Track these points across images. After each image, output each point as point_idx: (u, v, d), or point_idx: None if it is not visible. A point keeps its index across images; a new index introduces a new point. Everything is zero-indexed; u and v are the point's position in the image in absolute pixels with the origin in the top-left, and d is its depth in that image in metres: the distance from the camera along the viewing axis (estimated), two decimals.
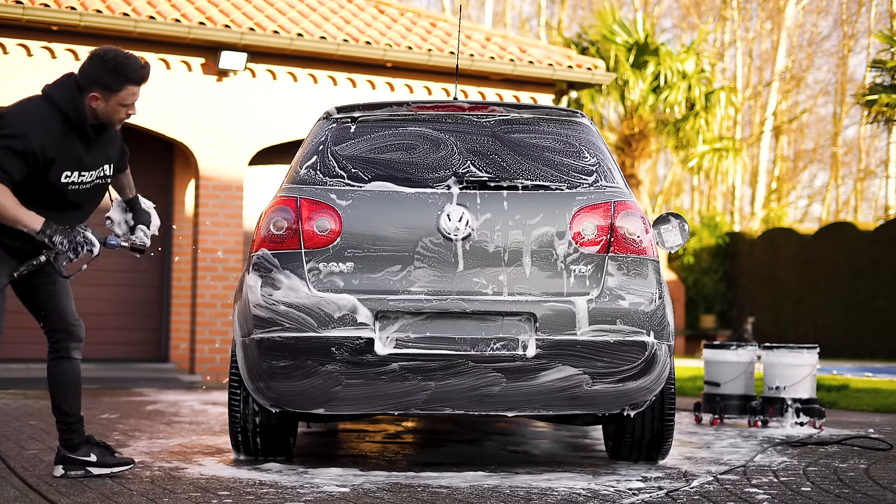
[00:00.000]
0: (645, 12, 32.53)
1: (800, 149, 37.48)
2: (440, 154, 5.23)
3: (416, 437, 7.01)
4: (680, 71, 20.23)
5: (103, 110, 4.54)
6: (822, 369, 11.10)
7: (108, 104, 4.53)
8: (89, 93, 4.50)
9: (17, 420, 7.34)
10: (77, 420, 4.72)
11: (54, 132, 4.45)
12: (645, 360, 4.95)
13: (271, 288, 4.96)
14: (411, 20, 14.20)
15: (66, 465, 4.71)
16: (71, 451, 4.71)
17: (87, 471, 4.70)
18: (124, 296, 12.88)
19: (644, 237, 5.13)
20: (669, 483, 4.82)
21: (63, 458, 4.72)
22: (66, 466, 4.71)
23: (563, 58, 14.36)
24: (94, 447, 4.75)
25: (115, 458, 4.79)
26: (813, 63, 36.25)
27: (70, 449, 4.72)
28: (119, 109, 4.56)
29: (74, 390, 4.71)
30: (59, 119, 4.48)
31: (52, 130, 4.44)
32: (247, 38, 12.17)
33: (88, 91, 4.50)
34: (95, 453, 4.73)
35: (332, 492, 4.47)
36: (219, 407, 8.71)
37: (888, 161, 32.01)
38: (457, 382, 4.87)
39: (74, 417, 4.71)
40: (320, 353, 4.84)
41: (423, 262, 4.97)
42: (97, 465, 4.72)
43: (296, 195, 5.10)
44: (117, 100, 4.53)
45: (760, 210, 32.93)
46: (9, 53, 11.55)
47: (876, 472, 5.27)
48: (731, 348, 7.91)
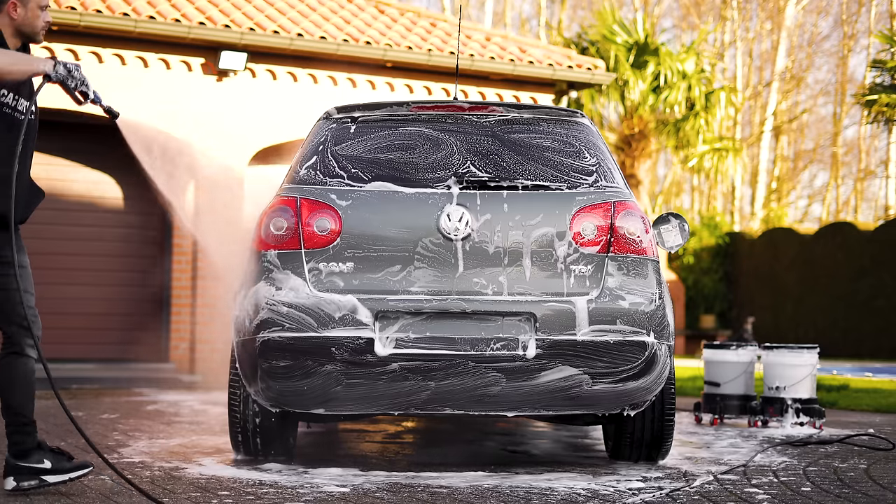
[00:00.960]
0: (645, 12, 32.53)
1: (800, 149, 37.48)
2: (440, 154, 5.23)
3: (416, 437, 7.01)
4: (680, 71, 20.23)
5: (23, 19, 4.34)
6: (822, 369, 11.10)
7: (28, 9, 4.33)
8: (6, 4, 4.29)
9: None
10: (29, 422, 4.36)
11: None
12: (645, 360, 4.95)
13: (271, 288, 4.96)
14: (411, 20, 14.20)
15: (18, 476, 4.31)
16: (22, 459, 4.33)
17: (42, 480, 4.32)
18: (124, 296, 12.87)
19: (644, 237, 5.13)
20: (669, 483, 4.82)
21: (14, 469, 4.32)
22: (17, 477, 4.31)
23: (563, 58, 14.36)
24: (46, 453, 4.37)
25: (70, 464, 4.40)
26: (813, 63, 36.26)
27: (20, 456, 4.33)
28: (38, 14, 4.36)
29: (26, 390, 4.34)
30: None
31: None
32: (247, 38, 12.17)
33: (4, 3, 4.29)
34: (49, 459, 4.36)
35: (332, 492, 4.47)
36: (219, 407, 8.70)
37: (888, 161, 32.01)
38: (457, 382, 4.87)
39: (27, 419, 4.35)
40: (320, 353, 4.83)
41: (423, 262, 4.97)
42: (52, 473, 4.34)
43: (296, 195, 5.10)
44: (35, 1, 4.34)
45: (760, 210, 32.93)
46: None
47: (876, 472, 5.27)
48: (731, 348, 7.91)
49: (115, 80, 11.96)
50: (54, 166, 12.73)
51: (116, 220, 12.87)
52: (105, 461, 4.17)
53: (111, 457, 5.50)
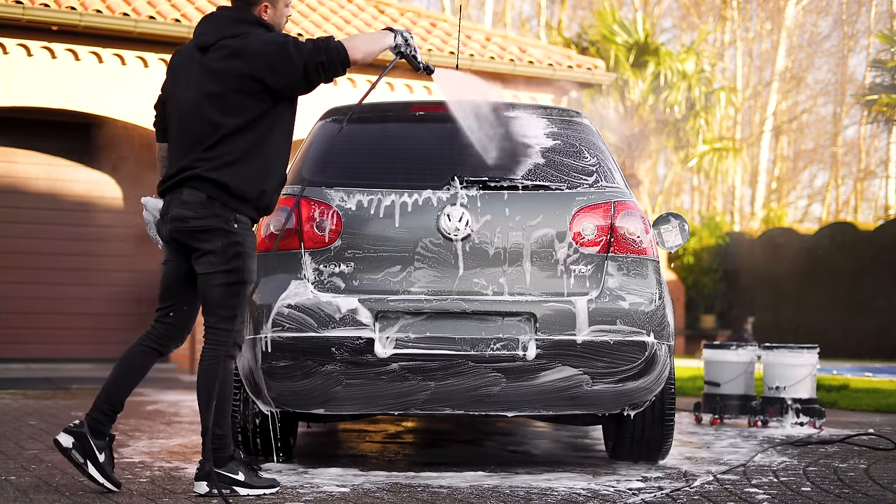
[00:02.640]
0: (645, 12, 32.53)
1: (800, 149, 37.47)
2: (440, 154, 5.23)
3: (416, 437, 7.01)
4: (680, 71, 20.24)
5: (272, 18, 4.41)
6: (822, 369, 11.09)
7: (277, 9, 4.41)
8: (260, 4, 4.36)
9: (18, 420, 7.33)
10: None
11: None
12: (645, 360, 4.95)
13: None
14: (411, 20, 14.21)
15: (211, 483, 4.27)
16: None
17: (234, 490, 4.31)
18: (124, 296, 12.88)
19: (644, 237, 5.13)
20: (670, 483, 4.82)
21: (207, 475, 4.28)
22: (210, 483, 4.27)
23: (563, 58, 14.36)
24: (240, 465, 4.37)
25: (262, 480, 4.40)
26: (813, 63, 36.25)
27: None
28: (284, 12, 4.45)
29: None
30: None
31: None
32: None
33: (258, 4, 4.36)
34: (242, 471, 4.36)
35: (332, 492, 4.47)
36: None
37: (888, 161, 32.01)
38: (457, 382, 4.87)
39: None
40: (320, 353, 4.83)
41: (423, 262, 4.97)
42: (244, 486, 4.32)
43: (296, 195, 5.10)
44: (283, 1, 4.42)
45: (760, 210, 32.92)
46: (9, 53, 11.55)
47: (876, 472, 5.27)
48: (731, 348, 7.91)
49: (115, 80, 11.96)
50: (54, 166, 12.74)
51: (116, 220, 12.88)
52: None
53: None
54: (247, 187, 4.29)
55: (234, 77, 4.25)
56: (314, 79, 4.30)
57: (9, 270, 12.43)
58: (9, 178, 12.47)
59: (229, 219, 4.28)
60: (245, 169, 4.29)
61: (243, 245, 4.31)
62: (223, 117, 4.27)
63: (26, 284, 12.51)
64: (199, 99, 4.30)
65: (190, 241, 4.32)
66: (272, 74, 4.25)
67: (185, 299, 4.46)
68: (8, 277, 12.44)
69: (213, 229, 4.27)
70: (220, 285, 4.30)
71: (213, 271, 4.30)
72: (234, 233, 4.29)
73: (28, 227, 12.44)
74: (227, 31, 4.32)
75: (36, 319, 12.66)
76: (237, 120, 4.27)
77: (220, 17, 4.40)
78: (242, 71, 4.24)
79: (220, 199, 4.26)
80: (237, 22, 4.35)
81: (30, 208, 12.52)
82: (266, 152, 4.35)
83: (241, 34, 4.30)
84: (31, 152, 12.58)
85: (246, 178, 4.29)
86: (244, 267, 4.31)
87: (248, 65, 4.24)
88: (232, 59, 4.26)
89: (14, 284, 12.45)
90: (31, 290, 12.55)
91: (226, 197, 4.27)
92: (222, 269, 4.29)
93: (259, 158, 4.33)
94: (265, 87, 4.27)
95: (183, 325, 4.48)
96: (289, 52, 4.24)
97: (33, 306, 12.60)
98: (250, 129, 4.29)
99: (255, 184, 4.32)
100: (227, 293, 4.30)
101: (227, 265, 4.28)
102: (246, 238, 4.33)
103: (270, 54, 4.24)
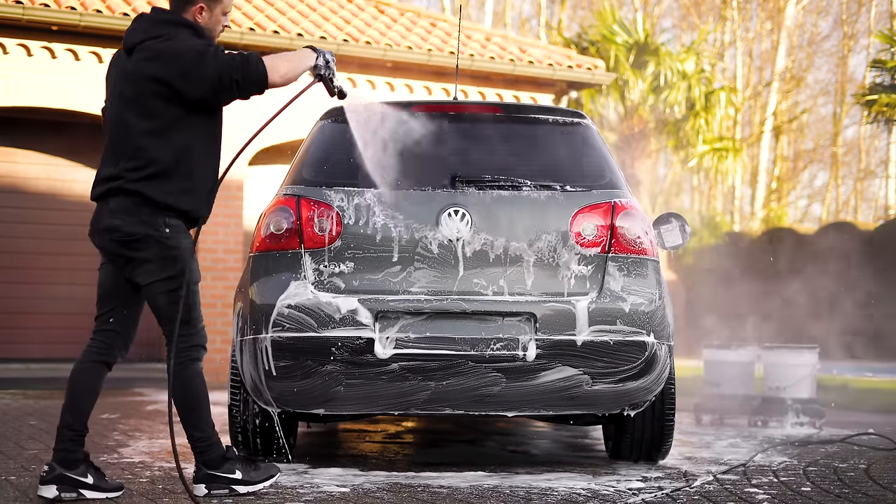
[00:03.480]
0: (645, 12, 32.52)
1: (800, 149, 37.46)
2: (440, 154, 5.23)
3: (416, 437, 7.01)
4: (680, 71, 20.22)
5: (207, 23, 4.28)
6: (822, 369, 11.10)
7: (213, 14, 4.29)
8: (194, 6, 4.24)
9: (17, 420, 7.33)
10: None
11: None
12: (645, 360, 4.95)
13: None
14: (411, 20, 14.20)
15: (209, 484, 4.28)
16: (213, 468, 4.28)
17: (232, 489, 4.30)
18: None
19: (644, 237, 5.13)
20: (670, 483, 4.82)
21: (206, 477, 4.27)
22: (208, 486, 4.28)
23: (563, 58, 14.36)
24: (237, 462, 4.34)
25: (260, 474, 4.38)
26: (813, 63, 36.24)
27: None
28: (220, 20, 4.32)
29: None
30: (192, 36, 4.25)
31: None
32: (247, 38, 12.16)
33: (193, 5, 4.24)
34: (239, 469, 4.33)
35: (332, 492, 4.47)
36: (219, 407, 8.67)
37: (888, 161, 32.00)
38: (457, 382, 4.87)
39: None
40: (320, 353, 4.83)
41: (423, 262, 4.97)
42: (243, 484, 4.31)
43: (296, 195, 5.09)
44: (221, 8, 4.30)
45: (760, 210, 32.93)
46: (9, 53, 11.54)
47: (876, 472, 5.27)
48: (731, 348, 7.91)
49: None
50: (55, 166, 12.73)
51: None
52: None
53: (111, 456, 5.51)
54: (168, 199, 4.15)
55: (149, 80, 4.14)
56: (224, 94, 4.17)
57: (9, 270, 12.43)
58: (9, 178, 12.47)
59: (159, 224, 4.15)
60: (168, 181, 4.15)
61: (178, 248, 4.18)
62: (139, 120, 4.15)
63: (26, 284, 12.51)
64: (119, 102, 4.21)
65: (124, 252, 4.19)
66: (183, 80, 4.12)
67: (125, 302, 4.31)
68: (8, 277, 12.44)
69: (144, 237, 4.15)
70: (165, 293, 4.20)
71: (154, 280, 4.19)
72: (167, 237, 4.16)
73: (28, 227, 12.43)
74: (152, 33, 4.21)
75: (36, 319, 12.66)
76: (152, 124, 4.14)
77: (149, 18, 4.28)
78: (156, 74, 4.12)
79: (146, 206, 4.14)
80: (164, 24, 4.23)
81: (30, 208, 12.52)
82: (188, 163, 4.19)
83: (164, 35, 4.19)
84: (31, 152, 12.57)
85: (169, 190, 4.15)
86: (185, 269, 4.18)
87: (162, 68, 4.12)
88: (149, 62, 4.14)
89: (14, 284, 12.45)
90: (31, 290, 12.55)
91: (151, 204, 4.14)
92: (162, 276, 4.18)
93: (181, 169, 4.17)
94: (175, 92, 4.14)
95: (125, 331, 4.32)
96: (205, 62, 4.11)
97: (33, 306, 12.60)
98: (166, 135, 4.15)
99: (180, 195, 4.18)
100: (174, 299, 4.19)
101: (166, 272, 4.17)
102: (180, 241, 4.19)
103: (186, 60, 4.11)
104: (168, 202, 4.16)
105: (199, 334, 4.32)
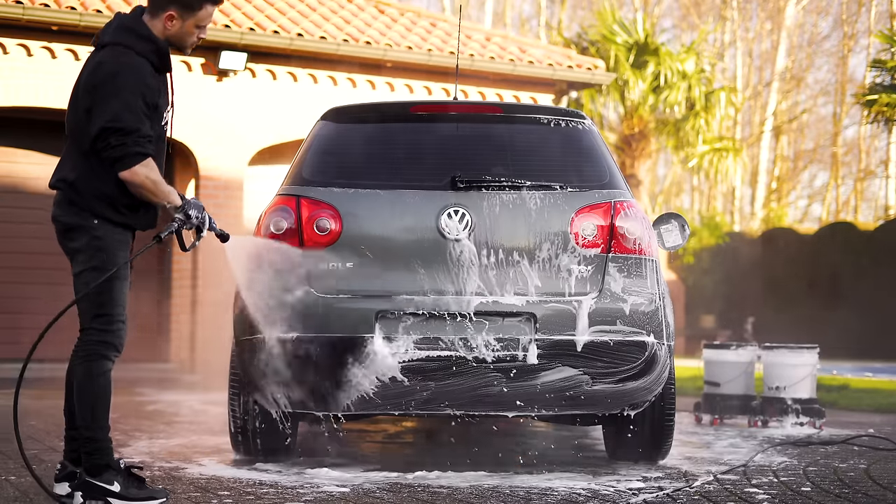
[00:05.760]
0: (645, 12, 32.52)
1: (800, 149, 37.47)
2: (440, 154, 5.23)
3: (416, 437, 7.01)
4: (680, 71, 20.22)
5: (176, 32, 4.12)
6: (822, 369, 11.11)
7: (185, 25, 4.12)
8: (165, 13, 4.10)
9: None
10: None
11: (150, 72, 4.07)
12: (645, 360, 4.95)
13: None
14: (411, 20, 14.20)
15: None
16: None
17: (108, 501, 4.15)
18: None
19: (644, 237, 5.13)
20: (670, 483, 4.82)
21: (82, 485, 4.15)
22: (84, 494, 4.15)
23: (563, 58, 14.36)
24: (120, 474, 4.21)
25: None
26: (813, 63, 36.25)
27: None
28: (193, 31, 4.16)
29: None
30: (151, 51, 4.10)
31: (149, 71, 4.06)
32: (247, 38, 12.16)
33: (164, 11, 4.09)
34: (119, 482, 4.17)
35: (332, 492, 4.47)
36: (219, 407, 8.70)
37: (888, 161, 31.99)
38: (457, 382, 4.87)
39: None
40: (320, 353, 4.83)
41: (423, 262, 4.97)
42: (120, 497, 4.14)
43: (296, 195, 5.09)
44: (195, 20, 4.13)
45: (760, 210, 32.93)
46: (9, 53, 11.54)
47: (876, 472, 5.27)
48: (731, 348, 7.92)
49: None
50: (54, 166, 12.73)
51: None
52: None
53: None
54: (95, 199, 4.08)
55: (81, 87, 4.10)
56: (97, 143, 4.00)
57: (9, 270, 12.43)
58: (9, 178, 12.47)
59: (88, 216, 4.10)
60: (95, 181, 4.07)
61: (103, 240, 4.10)
62: (74, 122, 4.11)
63: (26, 284, 12.50)
64: (70, 103, 4.19)
65: (64, 243, 4.17)
66: (87, 111, 4.03)
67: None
68: (8, 277, 12.43)
69: (77, 227, 4.10)
70: (87, 284, 4.15)
71: (82, 270, 4.15)
72: (95, 227, 4.09)
73: (28, 227, 12.42)
74: (106, 39, 4.13)
75: (36, 319, 12.65)
76: (83, 126, 4.07)
77: (113, 22, 4.20)
78: (86, 82, 4.06)
79: (77, 202, 4.09)
80: (122, 30, 4.12)
81: (30, 208, 12.51)
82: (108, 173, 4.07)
83: (112, 44, 4.08)
84: (31, 152, 12.56)
85: (95, 193, 4.08)
86: (108, 261, 4.10)
87: (87, 82, 4.05)
88: (86, 70, 4.09)
89: (14, 284, 12.44)
90: (31, 290, 12.54)
91: (80, 199, 4.09)
92: (88, 266, 4.13)
93: (105, 175, 4.07)
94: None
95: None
96: (113, 109, 3.96)
97: (33, 306, 12.59)
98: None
99: (109, 197, 4.09)
100: (95, 290, 4.12)
101: (91, 262, 4.12)
102: (107, 233, 4.11)
103: (103, 96, 3.99)
104: (93, 202, 4.09)
105: (114, 333, 4.21)
